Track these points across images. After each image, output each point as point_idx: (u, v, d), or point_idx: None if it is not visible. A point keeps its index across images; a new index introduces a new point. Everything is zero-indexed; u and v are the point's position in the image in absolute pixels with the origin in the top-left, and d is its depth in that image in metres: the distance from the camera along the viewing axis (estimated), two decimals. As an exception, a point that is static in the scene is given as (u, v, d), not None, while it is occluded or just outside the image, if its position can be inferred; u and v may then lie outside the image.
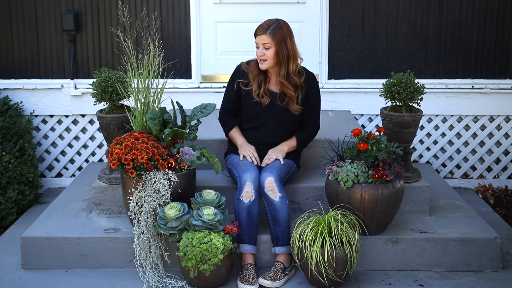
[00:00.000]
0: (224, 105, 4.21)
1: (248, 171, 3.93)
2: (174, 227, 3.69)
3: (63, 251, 3.92)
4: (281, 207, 3.83)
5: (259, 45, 3.98)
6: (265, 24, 3.99)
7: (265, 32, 3.95)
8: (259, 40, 3.98)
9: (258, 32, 3.99)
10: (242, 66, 4.14)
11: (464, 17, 5.33)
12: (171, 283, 3.75)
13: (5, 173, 4.78)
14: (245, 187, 3.85)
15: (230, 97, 4.16)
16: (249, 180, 3.87)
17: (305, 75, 4.09)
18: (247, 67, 4.11)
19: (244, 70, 4.11)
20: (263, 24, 4.00)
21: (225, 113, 4.21)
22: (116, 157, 3.69)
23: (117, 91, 4.15)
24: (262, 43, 3.96)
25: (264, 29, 3.97)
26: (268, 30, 3.95)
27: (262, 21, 4.00)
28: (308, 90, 4.09)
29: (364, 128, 5.46)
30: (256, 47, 4.01)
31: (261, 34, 3.97)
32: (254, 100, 4.06)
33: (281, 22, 4.01)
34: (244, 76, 4.11)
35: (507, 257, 4.12)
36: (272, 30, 3.95)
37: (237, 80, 4.12)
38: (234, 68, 4.17)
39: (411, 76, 4.21)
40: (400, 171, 3.85)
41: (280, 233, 3.83)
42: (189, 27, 5.35)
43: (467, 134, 5.49)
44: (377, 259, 3.92)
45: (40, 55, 5.38)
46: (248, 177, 3.89)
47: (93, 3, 5.30)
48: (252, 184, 3.86)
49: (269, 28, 3.95)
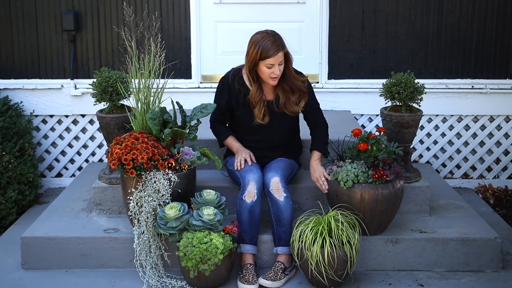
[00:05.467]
0: (214, 115, 4.10)
1: (251, 171, 3.92)
2: (174, 227, 3.69)
3: (63, 251, 3.92)
4: (285, 207, 3.83)
5: (275, 64, 3.81)
6: (270, 41, 3.78)
7: (282, 49, 3.80)
8: (275, 60, 3.78)
9: (273, 53, 3.76)
10: (236, 85, 3.98)
11: (464, 17, 5.33)
12: (171, 283, 3.75)
13: (5, 173, 4.78)
14: (249, 187, 3.85)
15: (220, 109, 4.04)
16: (252, 180, 3.87)
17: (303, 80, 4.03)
18: (240, 87, 3.97)
19: (234, 86, 3.99)
20: (268, 42, 3.77)
21: (216, 123, 4.14)
22: (116, 157, 3.69)
23: (117, 91, 4.15)
24: (279, 61, 3.81)
25: (278, 46, 3.79)
26: (281, 45, 3.80)
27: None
28: (309, 93, 4.07)
29: (364, 128, 5.46)
30: (267, 67, 3.82)
31: (277, 52, 3.77)
32: (249, 113, 3.99)
33: (274, 31, 3.87)
34: (233, 93, 4.00)
35: (507, 257, 4.12)
36: (283, 44, 3.83)
37: (225, 100, 4.01)
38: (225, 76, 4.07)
39: (411, 76, 4.21)
40: (400, 171, 3.85)
41: (283, 233, 3.83)
42: (189, 27, 5.35)
43: (467, 134, 5.49)
44: (377, 259, 3.92)
45: (40, 55, 5.38)
46: (251, 177, 3.89)
47: (93, 3, 5.30)
48: (256, 184, 3.86)
49: (281, 43, 3.81)
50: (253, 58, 3.83)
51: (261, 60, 3.81)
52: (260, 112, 3.96)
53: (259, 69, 3.87)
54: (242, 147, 4.08)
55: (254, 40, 3.85)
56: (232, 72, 4.06)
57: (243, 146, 4.09)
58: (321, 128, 4.12)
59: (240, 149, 4.07)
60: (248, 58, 3.88)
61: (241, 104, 4.01)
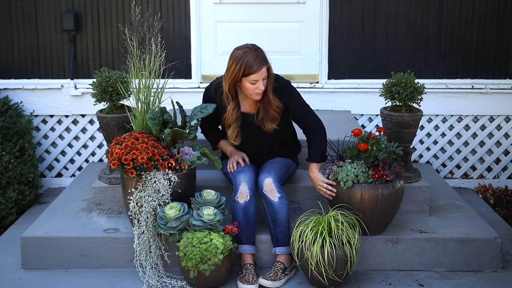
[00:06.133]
0: (203, 121, 4.05)
1: (243, 171, 3.92)
2: (174, 227, 3.69)
3: (63, 251, 3.92)
4: (280, 208, 3.82)
5: (259, 80, 3.68)
6: (252, 56, 3.65)
7: (265, 64, 3.69)
8: (259, 75, 3.67)
9: (256, 68, 3.64)
10: (218, 100, 3.90)
11: (464, 17, 5.33)
12: (171, 283, 3.75)
13: (5, 173, 4.78)
14: (240, 187, 3.85)
15: (208, 118, 3.98)
16: (243, 181, 3.87)
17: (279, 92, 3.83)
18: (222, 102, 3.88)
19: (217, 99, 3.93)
20: (251, 57, 3.64)
21: (204, 129, 4.14)
22: (116, 157, 3.69)
23: (117, 91, 4.15)
24: (263, 76, 3.70)
25: (262, 61, 3.67)
26: (264, 60, 3.68)
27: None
28: (288, 105, 3.88)
29: (364, 128, 5.46)
30: (251, 83, 3.69)
31: (261, 67, 3.66)
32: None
33: (255, 45, 3.74)
34: (216, 105, 3.93)
35: (507, 257, 4.12)
36: (265, 58, 3.70)
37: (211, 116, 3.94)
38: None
39: (411, 76, 4.21)
40: (400, 171, 3.85)
41: (280, 233, 3.83)
42: (189, 27, 5.35)
43: (467, 134, 5.49)
44: (377, 259, 3.92)
45: (40, 55, 5.38)
46: (242, 177, 3.88)
47: (93, 3, 5.30)
48: (247, 184, 3.86)
49: (263, 57, 3.69)
50: (235, 75, 3.70)
51: (244, 77, 3.69)
52: (234, 133, 3.89)
53: (243, 86, 3.75)
54: (235, 150, 4.08)
55: (235, 56, 3.70)
56: (215, 85, 3.97)
57: (235, 149, 4.08)
58: (315, 135, 3.93)
59: (233, 152, 4.07)
60: (228, 75, 3.74)
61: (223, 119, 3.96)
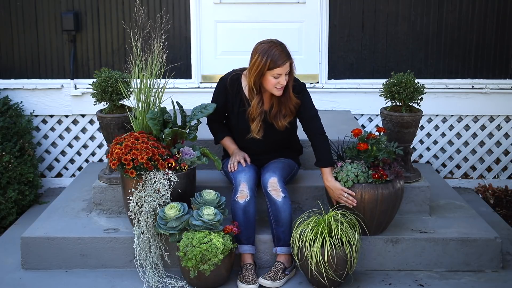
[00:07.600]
0: (211, 115, 4.02)
1: (243, 171, 3.92)
2: (174, 227, 3.69)
3: (63, 251, 3.92)
4: (283, 207, 3.82)
5: (282, 74, 3.70)
6: (278, 50, 3.68)
7: (289, 59, 3.72)
8: (283, 69, 3.69)
9: (282, 62, 3.67)
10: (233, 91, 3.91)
11: (464, 17, 5.33)
12: (171, 283, 3.75)
13: (5, 173, 4.78)
14: (240, 187, 3.84)
15: (218, 110, 3.98)
16: (243, 181, 3.86)
17: (296, 90, 3.87)
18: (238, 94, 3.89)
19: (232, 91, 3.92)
20: (277, 51, 3.68)
21: (213, 122, 4.11)
22: (116, 157, 3.69)
23: (117, 91, 4.15)
24: (286, 71, 3.71)
25: (286, 56, 3.70)
26: (288, 55, 3.71)
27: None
28: (306, 102, 3.92)
29: (364, 128, 5.46)
30: (275, 77, 3.71)
31: (285, 62, 3.69)
32: (243, 122, 3.93)
33: (278, 40, 3.77)
34: (230, 97, 3.93)
35: (507, 257, 4.12)
36: (289, 54, 3.73)
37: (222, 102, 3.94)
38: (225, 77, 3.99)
39: (411, 76, 4.21)
40: (400, 171, 3.85)
41: (282, 233, 3.83)
42: (189, 27, 5.35)
43: (467, 134, 5.49)
44: (377, 259, 3.92)
45: (40, 55, 5.38)
46: (242, 177, 3.88)
47: (93, 3, 5.30)
48: (247, 184, 3.85)
49: (288, 53, 3.72)
50: (260, 68, 3.70)
51: (269, 70, 3.70)
52: (257, 127, 3.89)
53: (265, 79, 3.76)
54: (237, 150, 4.06)
55: (261, 50, 3.72)
56: (231, 76, 3.96)
57: (238, 149, 4.07)
58: (321, 140, 3.93)
59: (235, 152, 4.05)
60: (253, 69, 3.74)
61: (236, 111, 3.96)
